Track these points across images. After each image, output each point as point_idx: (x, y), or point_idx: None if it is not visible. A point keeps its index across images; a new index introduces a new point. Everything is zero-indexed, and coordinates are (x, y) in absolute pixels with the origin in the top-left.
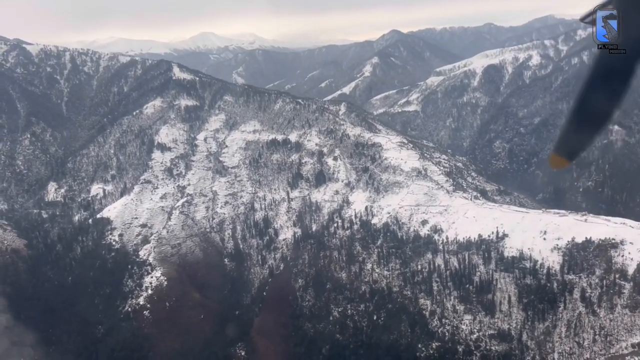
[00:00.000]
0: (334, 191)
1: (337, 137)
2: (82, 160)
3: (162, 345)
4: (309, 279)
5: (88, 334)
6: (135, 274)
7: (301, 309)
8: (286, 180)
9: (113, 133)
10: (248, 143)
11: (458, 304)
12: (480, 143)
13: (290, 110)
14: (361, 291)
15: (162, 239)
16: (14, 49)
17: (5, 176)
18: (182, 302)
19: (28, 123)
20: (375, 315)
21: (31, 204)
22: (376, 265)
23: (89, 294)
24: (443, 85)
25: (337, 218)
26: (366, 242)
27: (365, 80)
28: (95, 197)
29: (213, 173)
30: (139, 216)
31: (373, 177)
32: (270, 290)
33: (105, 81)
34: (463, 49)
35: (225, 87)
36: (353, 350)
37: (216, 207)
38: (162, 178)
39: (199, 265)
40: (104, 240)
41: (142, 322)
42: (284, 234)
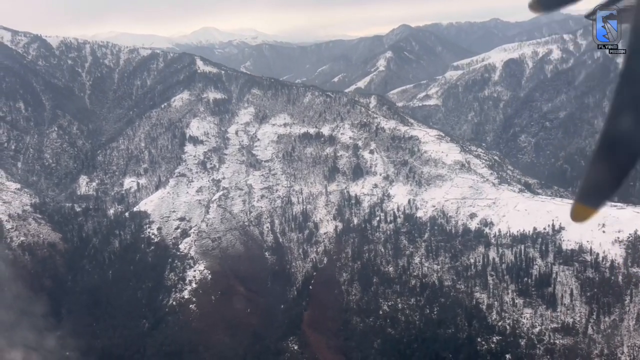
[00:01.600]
0: (373, 184)
1: (372, 130)
2: (112, 153)
3: (211, 339)
4: (354, 273)
5: (134, 328)
6: (177, 268)
7: (348, 303)
8: (322, 174)
9: (142, 126)
10: (280, 136)
11: (517, 298)
12: (505, 137)
13: (320, 104)
14: (410, 285)
15: (202, 232)
16: (34, 41)
17: (34, 170)
18: (227, 296)
19: (54, 116)
20: (427, 310)
21: (63, 197)
22: (424, 259)
23: (130, 288)
24: (463, 79)
25: (379, 211)
26: (412, 235)
27: (380, 74)
28: (129, 191)
29: (247, 167)
30: (176, 209)
31: (413, 171)
32: (315, 284)
33: (127, 74)
34: (472, 43)
35: (252, 80)
36: (407, 344)
37: (253, 200)
38: (196, 171)
39: (241, 258)
40: (142, 233)
41: (189, 316)
42: (325, 227)
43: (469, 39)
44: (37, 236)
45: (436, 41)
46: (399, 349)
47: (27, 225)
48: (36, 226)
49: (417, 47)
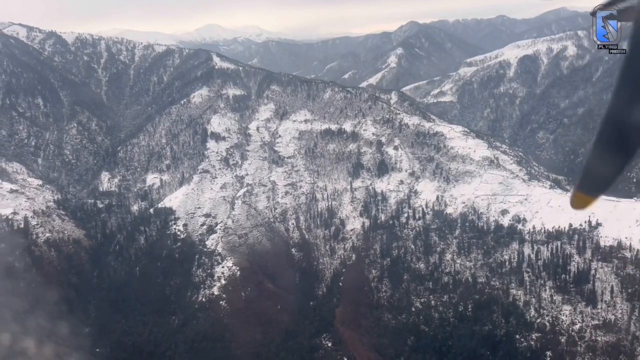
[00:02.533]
0: (399, 181)
1: (395, 126)
2: (133, 149)
3: (243, 335)
4: (383, 270)
5: (164, 325)
6: (204, 264)
7: (378, 299)
8: (346, 170)
9: (162, 122)
10: (301, 133)
11: (555, 295)
12: (522, 134)
13: (340, 100)
14: (443, 282)
15: (228, 228)
16: (50, 37)
17: (55, 166)
18: (257, 292)
19: (73, 112)
20: (461, 307)
21: (85, 193)
22: (456, 256)
23: (158, 284)
24: (478, 76)
25: (407, 208)
26: (443, 232)
27: (392, 71)
28: (152, 187)
29: (269, 163)
30: (201, 206)
31: (440, 167)
32: (344, 281)
33: (143, 70)
34: (480, 40)
35: (271, 76)
36: (442, 341)
37: (277, 197)
38: (219, 168)
39: (268, 255)
40: (168, 230)
41: (219, 312)
42: (351, 224)
43: (477, 36)
44: (61, 232)
45: (445, 38)
46: (434, 346)
47: (52, 221)
48: (60, 222)
49: (427, 44)
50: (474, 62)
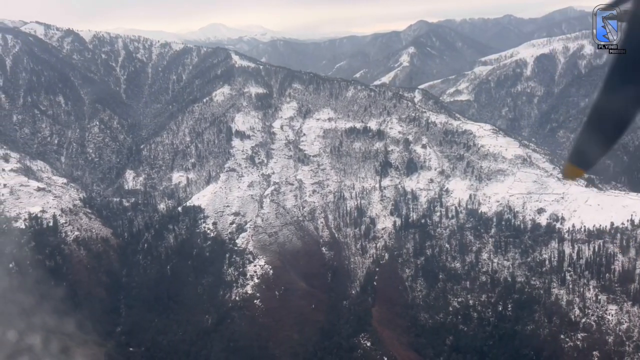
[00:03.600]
0: (428, 179)
1: (421, 124)
2: (157, 148)
3: (279, 334)
4: (417, 269)
5: (197, 324)
6: (235, 263)
7: (414, 299)
8: (373, 169)
9: (185, 120)
10: (326, 131)
11: (600, 294)
12: (542, 133)
13: (364, 98)
14: (480, 281)
15: (258, 227)
16: (67, 35)
17: (78, 164)
18: (291, 291)
19: (94, 110)
20: (500, 306)
21: (110, 192)
22: (493, 255)
23: (189, 283)
24: (494, 75)
25: (439, 207)
26: (478, 231)
27: (405, 70)
28: (178, 186)
29: (295, 161)
30: (230, 204)
31: (471, 165)
32: (378, 280)
33: (161, 68)
34: (489, 40)
35: (292, 75)
36: (482, 341)
37: (304, 195)
38: (245, 166)
39: (299, 254)
40: (197, 228)
41: (254, 312)
42: (382, 223)
43: (485, 35)
44: (89, 231)
45: (456, 37)
46: (474, 346)
47: (79, 220)
48: (87, 221)
49: (438, 43)
50: (489, 61)
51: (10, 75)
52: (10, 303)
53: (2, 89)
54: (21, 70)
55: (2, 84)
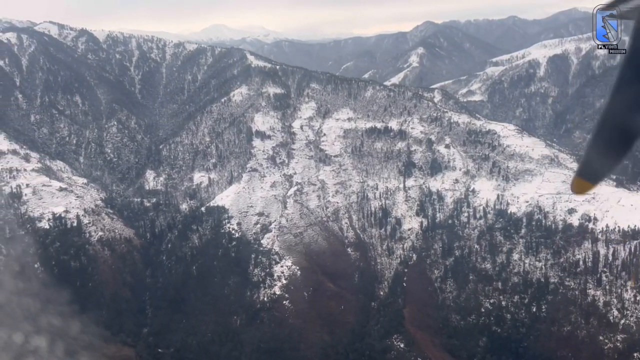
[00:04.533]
0: (453, 180)
1: (444, 124)
2: (176, 148)
3: (310, 336)
4: (446, 270)
5: (226, 324)
6: (261, 263)
7: (444, 300)
8: (397, 169)
9: (204, 120)
10: (346, 131)
11: (638, 295)
12: (557, 134)
13: (383, 98)
14: (512, 282)
15: (283, 227)
16: (82, 34)
17: (97, 164)
18: (319, 292)
19: (111, 110)
20: (534, 307)
21: (131, 192)
22: (524, 256)
23: (216, 283)
24: (507, 75)
25: (466, 207)
26: (508, 231)
27: (414, 70)
28: (200, 186)
29: (316, 162)
30: (254, 205)
31: (497, 165)
32: (408, 282)
33: (176, 68)
34: (495, 41)
35: (310, 75)
36: (517, 342)
37: (327, 196)
38: (266, 166)
39: (325, 254)
40: (222, 229)
41: (284, 312)
42: (408, 223)
43: (490, 36)
44: (112, 231)
45: (464, 38)
46: (509, 347)
47: (102, 220)
48: (110, 221)
49: (446, 44)
50: (500, 61)
51: (27, 75)
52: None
53: (19, 88)
54: (37, 70)
55: (19, 84)
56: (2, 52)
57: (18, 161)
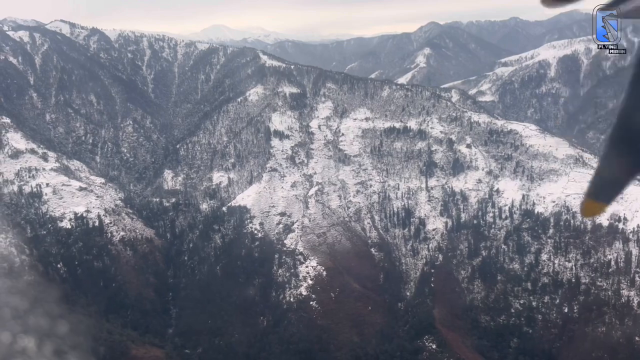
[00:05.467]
0: (476, 180)
1: (464, 124)
2: (194, 147)
3: (339, 337)
4: (474, 271)
5: (253, 325)
6: (286, 264)
7: (472, 301)
8: (418, 169)
9: (221, 120)
10: (364, 131)
11: None
12: (570, 134)
13: (401, 98)
14: (541, 283)
15: (306, 227)
16: (93, 33)
17: (114, 164)
18: (346, 293)
19: (126, 109)
20: (565, 308)
21: (149, 192)
22: (553, 256)
23: (240, 284)
24: (517, 76)
25: (490, 207)
26: (536, 232)
27: (422, 71)
28: (219, 186)
29: (335, 162)
30: (275, 204)
31: (521, 165)
32: (435, 282)
33: (188, 68)
34: (499, 42)
35: (325, 75)
36: (550, 343)
37: (348, 196)
38: (286, 166)
39: (349, 255)
40: (244, 229)
41: (312, 313)
42: (432, 223)
43: (494, 37)
44: (133, 231)
45: (469, 39)
46: (542, 348)
47: (122, 220)
48: (130, 221)
49: (451, 44)
50: (509, 62)
51: (41, 74)
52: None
53: (33, 87)
54: (51, 69)
55: (33, 83)
56: (15, 51)
57: (36, 160)
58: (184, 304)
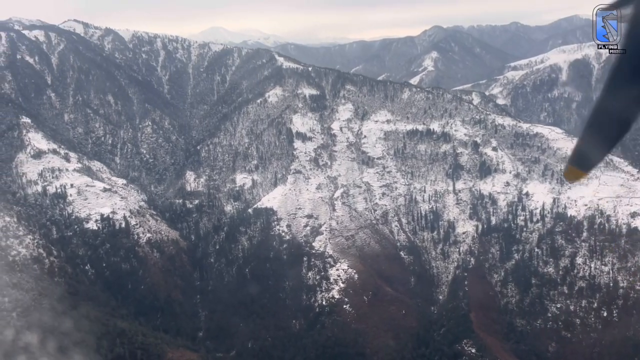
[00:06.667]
0: (504, 183)
1: (488, 127)
2: (215, 149)
3: (375, 341)
4: (507, 274)
5: (286, 329)
6: (315, 266)
7: (506, 304)
8: (444, 172)
9: (241, 122)
10: (387, 133)
11: None
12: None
13: (422, 100)
14: (578, 287)
15: (334, 230)
16: (108, 34)
17: (134, 165)
18: (379, 297)
19: (145, 110)
20: (604, 312)
21: (172, 193)
22: (588, 260)
23: (270, 287)
24: (529, 80)
25: (520, 210)
26: (569, 235)
27: (430, 74)
28: (243, 187)
29: (359, 164)
30: (302, 206)
31: (550, 169)
32: (469, 286)
33: (203, 69)
34: (502, 46)
35: (344, 77)
36: (589, 348)
37: (374, 198)
38: (309, 168)
39: (379, 258)
40: (272, 231)
41: (346, 317)
42: (462, 227)
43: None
44: (159, 233)
45: (474, 43)
46: (581, 353)
47: (147, 221)
48: (155, 223)
49: (457, 48)
50: (519, 66)
51: (58, 74)
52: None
53: (51, 87)
54: (68, 69)
55: (50, 82)
56: (31, 50)
57: (59, 161)
58: (213, 306)
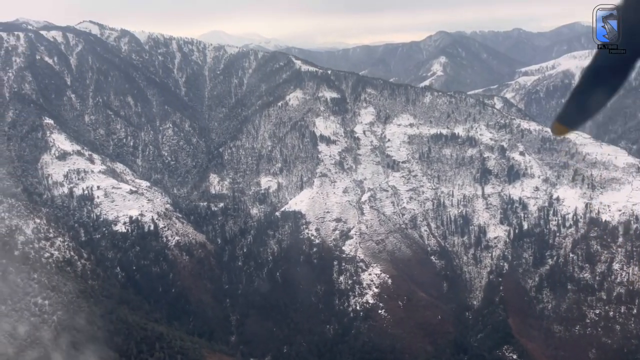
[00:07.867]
0: (533, 187)
1: (514, 131)
2: (238, 152)
3: (413, 347)
4: (542, 280)
5: (320, 334)
6: (347, 271)
7: (542, 310)
8: (471, 176)
9: (263, 124)
10: (411, 137)
11: None
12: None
13: (444, 104)
14: (616, 292)
15: (364, 234)
16: (124, 35)
17: (156, 167)
18: (414, 302)
19: (165, 112)
20: None
21: (196, 196)
22: (626, 265)
23: (302, 291)
24: (542, 85)
25: (552, 215)
26: (605, 240)
27: (440, 79)
28: (268, 190)
29: (384, 167)
30: (330, 210)
31: (580, 174)
32: (504, 291)
33: (219, 72)
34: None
35: (364, 80)
36: (632, 354)
37: (402, 202)
38: (335, 172)
39: (411, 262)
40: (301, 234)
41: (381, 322)
42: (493, 232)
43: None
44: (186, 236)
45: (480, 48)
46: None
47: (174, 224)
48: (181, 226)
49: (464, 53)
50: (530, 71)
51: (77, 75)
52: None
53: (71, 88)
54: (87, 70)
55: (70, 84)
56: (50, 51)
57: (84, 162)
58: (244, 310)
